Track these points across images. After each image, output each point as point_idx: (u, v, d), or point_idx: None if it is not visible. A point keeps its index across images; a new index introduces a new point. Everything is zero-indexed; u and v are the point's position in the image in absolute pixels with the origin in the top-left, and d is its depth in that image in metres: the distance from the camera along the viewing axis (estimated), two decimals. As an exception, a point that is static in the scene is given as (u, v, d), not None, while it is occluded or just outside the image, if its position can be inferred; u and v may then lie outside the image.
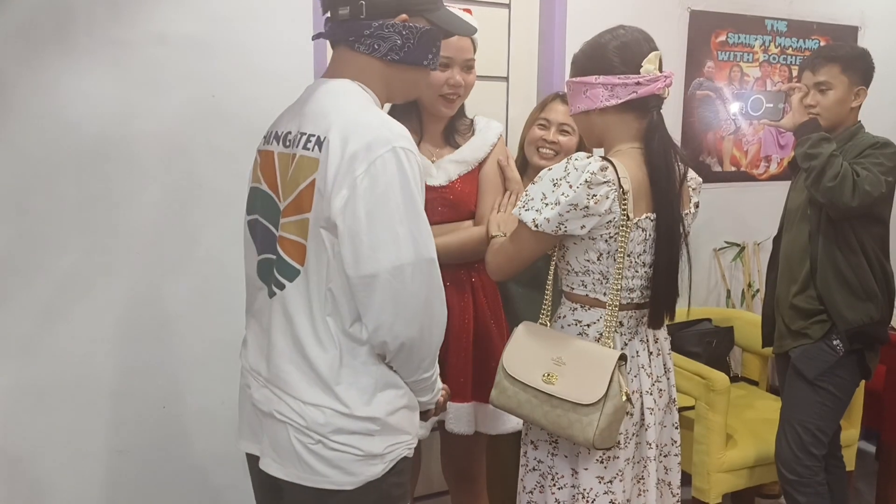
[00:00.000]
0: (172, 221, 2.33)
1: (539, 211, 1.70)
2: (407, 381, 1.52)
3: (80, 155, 2.20)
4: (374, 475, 1.47)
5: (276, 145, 1.56)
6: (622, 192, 1.70)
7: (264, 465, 1.53)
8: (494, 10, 2.83)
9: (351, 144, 1.38)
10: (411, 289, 1.41)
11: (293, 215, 1.47)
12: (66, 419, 2.27)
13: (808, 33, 3.42)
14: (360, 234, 1.37)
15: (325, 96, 1.51)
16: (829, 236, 2.36)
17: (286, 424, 1.47)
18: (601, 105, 1.77)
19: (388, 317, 1.41)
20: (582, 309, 1.83)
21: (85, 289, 2.25)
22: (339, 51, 1.56)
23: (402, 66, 1.54)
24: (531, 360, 1.80)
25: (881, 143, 2.34)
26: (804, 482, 2.46)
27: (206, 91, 2.32)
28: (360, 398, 1.45)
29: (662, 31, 3.07)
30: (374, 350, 1.47)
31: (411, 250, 1.40)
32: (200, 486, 2.48)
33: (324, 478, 1.45)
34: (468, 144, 2.20)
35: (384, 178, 1.38)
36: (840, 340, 2.37)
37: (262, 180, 1.58)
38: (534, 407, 1.77)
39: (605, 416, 1.68)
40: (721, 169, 3.33)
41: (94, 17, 2.16)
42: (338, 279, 1.43)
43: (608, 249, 1.74)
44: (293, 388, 1.47)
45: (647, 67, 1.76)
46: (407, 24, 1.50)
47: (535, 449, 1.88)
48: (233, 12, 2.32)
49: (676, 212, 1.79)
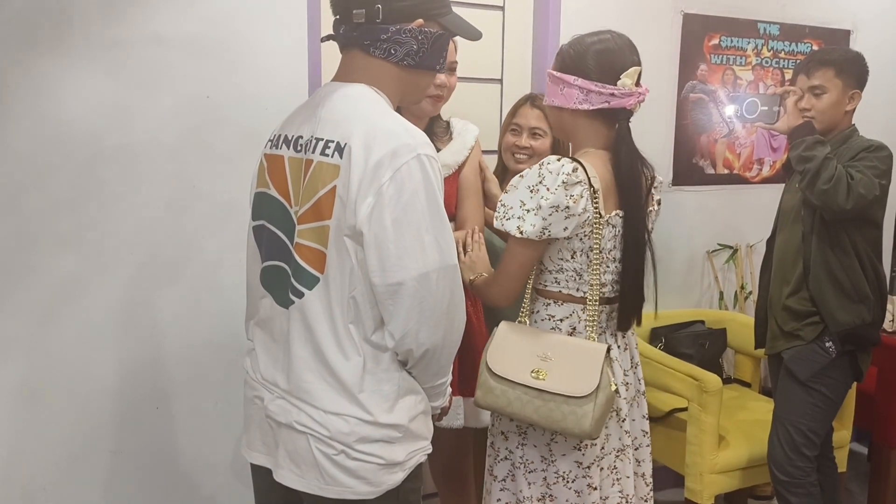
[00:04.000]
0: (166, 222, 2.32)
1: (521, 218, 1.73)
2: (424, 387, 1.53)
3: (74, 155, 2.19)
4: (394, 483, 1.47)
5: (286, 150, 1.52)
6: (593, 191, 1.75)
7: (280, 476, 1.51)
8: (488, 12, 2.83)
9: (375, 152, 1.37)
10: (437, 296, 1.41)
11: (311, 222, 1.44)
12: (59, 420, 2.26)
13: (801, 37, 3.44)
14: (386, 242, 1.37)
15: (342, 101, 1.48)
16: (823, 238, 2.37)
17: (306, 435, 1.46)
18: (573, 106, 1.81)
19: (413, 324, 1.41)
20: (555, 304, 1.86)
21: (79, 290, 2.24)
22: (352, 54, 1.52)
23: (416, 71, 1.53)
24: (517, 358, 1.82)
25: (875, 147, 2.35)
26: (796, 483, 2.47)
27: (201, 92, 2.31)
28: (383, 405, 1.45)
29: (656, 34, 3.11)
30: (399, 357, 1.47)
31: (437, 257, 1.40)
32: (194, 486, 2.47)
33: (346, 488, 1.45)
34: (448, 148, 2.24)
35: (410, 186, 1.37)
36: (832, 342, 2.38)
37: (270, 185, 1.54)
38: (524, 403, 1.79)
39: (599, 407, 1.73)
40: (714, 171, 3.35)
41: (89, 17, 2.15)
42: (361, 287, 1.42)
43: (582, 247, 1.79)
44: (315, 398, 1.46)
45: (624, 81, 1.79)
46: (423, 29, 1.49)
47: (506, 440, 1.91)
48: (228, 14, 2.31)
49: (642, 209, 1.85)
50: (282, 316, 1.52)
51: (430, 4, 1.50)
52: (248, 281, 1.66)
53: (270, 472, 1.55)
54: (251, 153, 1.67)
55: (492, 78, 2.88)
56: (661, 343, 3.06)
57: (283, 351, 1.52)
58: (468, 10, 2.73)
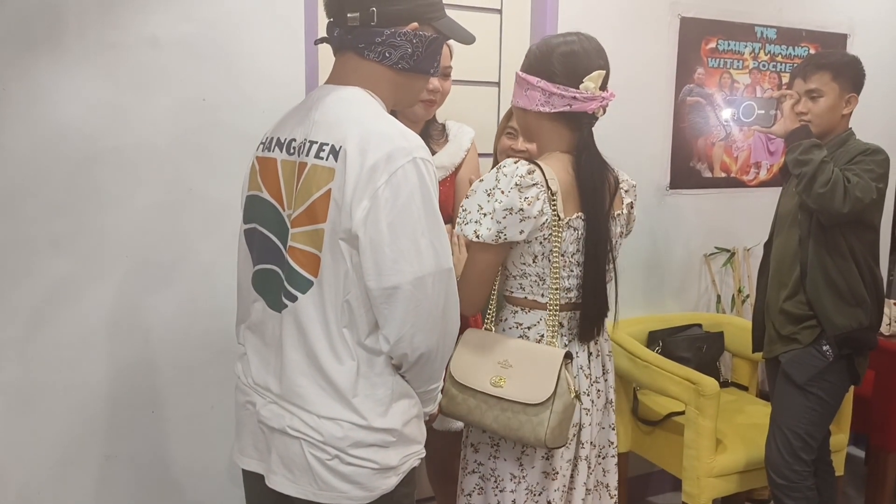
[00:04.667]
0: (162, 225, 2.32)
1: (478, 222, 1.72)
2: (417, 392, 1.52)
3: (70, 158, 2.19)
4: (388, 488, 1.47)
5: (279, 152, 1.52)
6: (550, 193, 1.73)
7: (273, 482, 1.50)
8: (486, 16, 2.83)
9: (370, 155, 1.37)
10: (432, 300, 1.41)
11: (305, 225, 1.44)
12: (54, 423, 2.26)
13: (798, 41, 3.44)
14: (382, 245, 1.37)
15: (336, 104, 1.47)
16: (820, 242, 2.37)
17: (299, 440, 1.45)
18: (536, 108, 1.80)
19: (409, 328, 1.40)
20: (522, 311, 1.84)
21: (74, 293, 2.24)
22: (346, 57, 1.52)
23: (410, 75, 1.53)
24: (478, 366, 1.80)
25: (872, 150, 2.35)
26: (794, 487, 2.46)
27: (197, 95, 2.31)
28: (377, 409, 1.45)
29: (653, 38, 3.12)
30: (392, 361, 1.47)
31: (433, 261, 1.40)
32: (190, 490, 2.46)
33: (340, 493, 1.44)
34: (444, 150, 2.26)
35: (405, 189, 1.37)
36: (829, 345, 2.38)
37: (263, 188, 1.54)
38: (483, 412, 1.77)
39: (556, 415, 1.69)
40: (711, 175, 3.35)
41: (85, 20, 2.15)
42: (356, 290, 1.41)
43: (543, 251, 1.77)
44: (308, 403, 1.45)
45: (587, 84, 1.77)
46: (417, 33, 1.48)
47: (476, 452, 1.89)
48: (224, 16, 2.31)
49: (605, 213, 1.82)
50: (274, 320, 1.51)
51: (425, 8, 1.50)
52: (239, 284, 1.65)
53: (263, 477, 1.54)
54: (247, 156, 1.67)
55: (489, 81, 2.88)
56: (658, 346, 3.06)
57: (276, 355, 1.51)
58: (466, 12, 2.74)
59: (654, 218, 3.24)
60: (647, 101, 3.14)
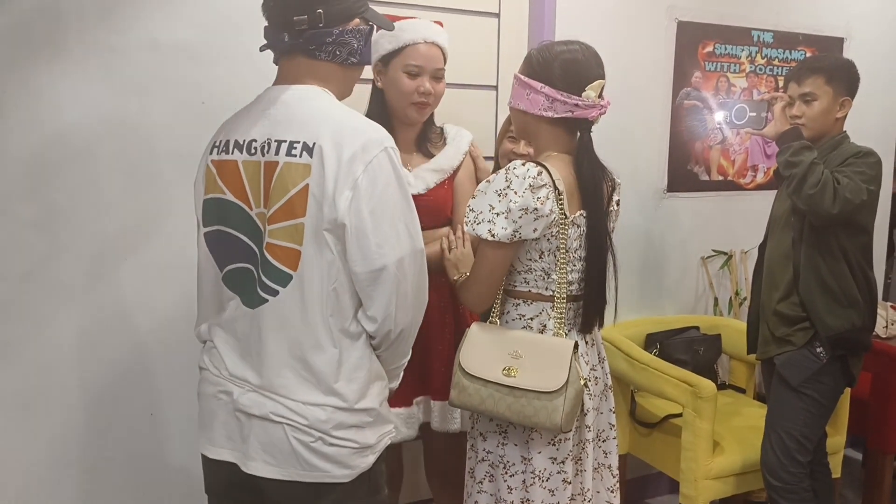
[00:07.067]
0: (160, 228, 2.33)
1: (492, 221, 1.79)
2: (388, 369, 1.61)
3: (69, 160, 2.20)
4: (367, 466, 1.54)
5: (238, 154, 1.56)
6: (558, 192, 1.81)
7: (252, 468, 1.54)
8: (484, 19, 2.84)
9: (346, 148, 1.44)
10: (409, 278, 1.51)
11: (283, 221, 1.48)
12: (52, 426, 2.27)
13: (795, 44, 3.46)
14: (366, 231, 1.45)
15: (299, 103, 1.53)
16: (812, 243, 2.38)
17: (282, 425, 1.50)
18: (538, 113, 1.86)
19: (393, 307, 1.50)
20: (525, 304, 1.92)
21: (72, 294, 2.25)
22: (296, 61, 1.57)
23: (356, 68, 1.62)
24: (489, 357, 1.88)
25: (864, 153, 2.36)
26: (789, 489, 2.47)
27: (196, 98, 2.32)
28: (358, 391, 1.52)
29: (650, 42, 3.13)
30: (374, 340, 1.54)
31: (409, 243, 1.51)
32: (189, 492, 2.47)
33: (323, 472, 1.50)
34: (443, 153, 2.26)
35: (382, 178, 1.46)
36: (823, 347, 2.39)
37: (226, 190, 1.58)
38: (497, 401, 1.84)
39: (569, 401, 1.79)
40: (708, 178, 3.36)
41: (85, 22, 2.17)
42: (342, 277, 1.48)
43: (549, 247, 1.85)
44: (291, 392, 1.51)
45: (588, 93, 1.84)
46: (358, 28, 1.57)
47: (485, 440, 1.96)
48: (223, 20, 2.33)
49: (604, 211, 1.92)
50: (247, 316, 1.56)
51: (359, 3, 1.58)
52: (199, 286, 1.70)
53: (228, 467, 1.58)
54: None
55: (487, 85, 2.89)
56: (655, 349, 3.06)
57: (254, 350, 1.55)
58: (464, 16, 2.75)
59: (651, 221, 3.25)
60: (644, 104, 3.16)
